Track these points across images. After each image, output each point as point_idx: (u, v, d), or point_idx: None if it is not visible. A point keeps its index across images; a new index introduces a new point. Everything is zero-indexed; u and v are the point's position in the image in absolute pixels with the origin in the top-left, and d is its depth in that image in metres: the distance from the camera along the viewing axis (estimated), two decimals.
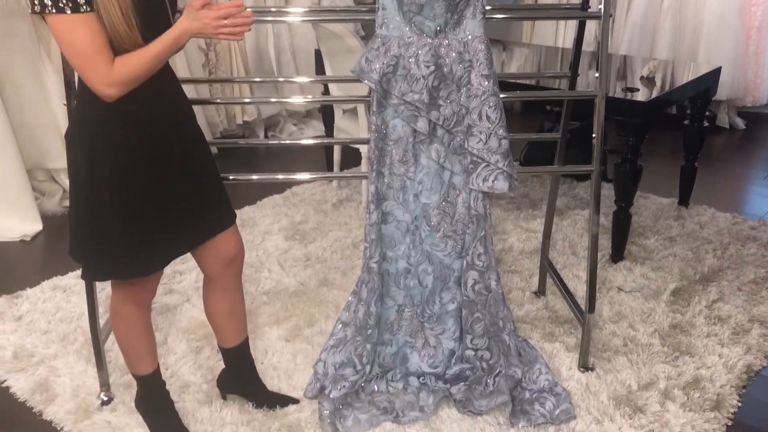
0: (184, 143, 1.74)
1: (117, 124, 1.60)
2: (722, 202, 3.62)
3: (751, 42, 4.72)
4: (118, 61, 1.52)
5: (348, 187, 3.82)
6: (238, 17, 1.55)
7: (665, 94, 3.01)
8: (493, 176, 1.92)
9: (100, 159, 1.62)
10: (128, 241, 1.67)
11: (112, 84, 1.52)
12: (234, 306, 1.98)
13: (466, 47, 1.87)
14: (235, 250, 1.90)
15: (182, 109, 1.76)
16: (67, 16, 1.44)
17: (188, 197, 1.75)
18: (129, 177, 1.64)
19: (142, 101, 1.61)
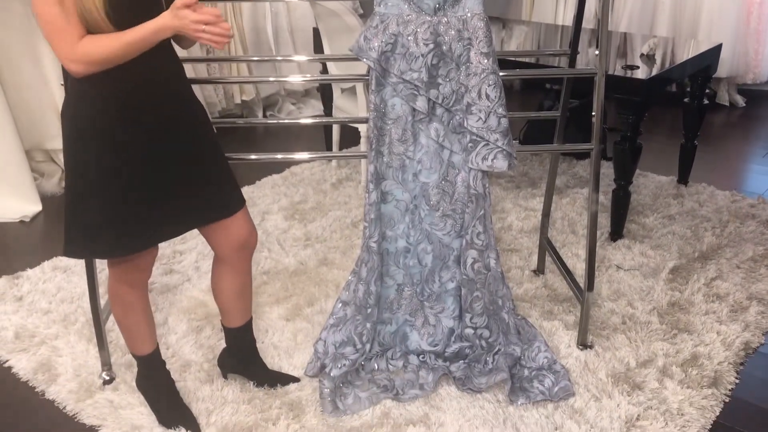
0: (181, 124, 1.73)
1: (105, 100, 1.60)
2: (721, 180, 3.62)
3: (752, 19, 4.69)
4: (86, 39, 1.52)
5: (347, 167, 3.82)
6: (216, 27, 1.54)
7: (665, 71, 2.99)
8: (492, 155, 1.92)
9: (87, 133, 1.62)
10: (107, 218, 1.67)
11: (75, 60, 1.53)
12: (242, 288, 1.99)
13: (465, 25, 1.86)
14: (246, 235, 1.90)
15: (180, 90, 1.75)
16: None
17: (183, 178, 1.74)
18: (114, 153, 1.64)
19: (135, 79, 1.60)
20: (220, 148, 1.85)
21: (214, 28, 1.54)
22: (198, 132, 1.79)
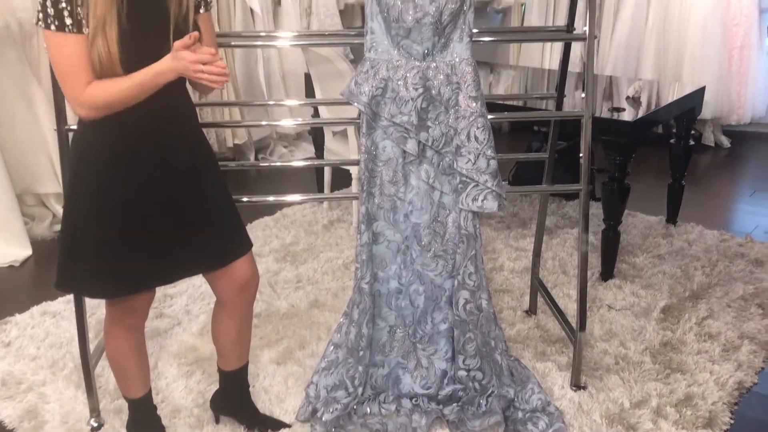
0: (188, 167, 1.74)
1: (103, 142, 1.62)
2: (710, 220, 3.65)
3: (733, 62, 4.80)
4: (94, 85, 1.56)
5: (339, 208, 3.83)
6: (214, 66, 1.56)
7: (651, 113, 3.05)
8: (482, 196, 1.94)
9: (84, 173, 1.64)
10: (104, 258, 1.67)
11: (83, 105, 1.57)
12: (241, 331, 1.98)
13: (453, 70, 1.90)
14: (249, 277, 1.89)
15: (186, 134, 1.76)
16: (53, 33, 1.52)
17: (186, 222, 1.74)
18: (108, 196, 1.64)
19: (141, 122, 1.62)
20: (228, 190, 1.86)
21: (211, 68, 1.56)
22: (205, 175, 1.79)
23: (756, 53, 4.82)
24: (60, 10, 1.51)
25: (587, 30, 2.05)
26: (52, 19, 1.51)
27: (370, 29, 1.90)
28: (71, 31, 1.52)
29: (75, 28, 1.52)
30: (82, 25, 1.52)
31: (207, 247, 1.79)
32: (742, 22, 4.72)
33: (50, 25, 1.52)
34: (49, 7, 1.51)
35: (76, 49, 1.53)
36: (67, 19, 1.51)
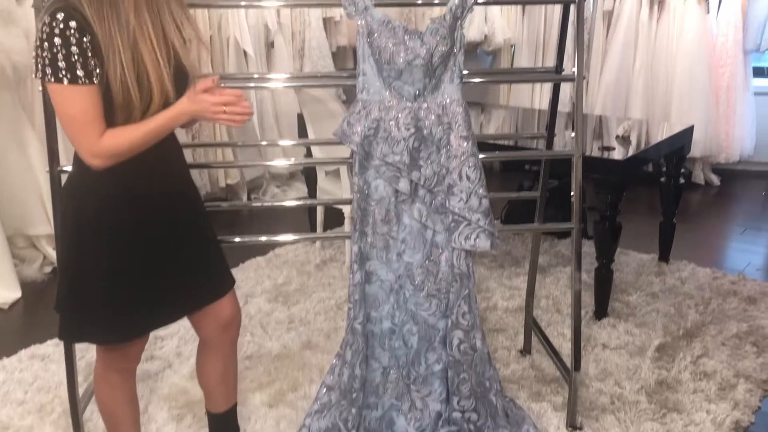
0: (179, 209, 1.74)
1: (107, 187, 1.61)
2: (702, 258, 3.66)
3: (720, 102, 4.87)
4: (108, 134, 1.54)
5: (331, 248, 3.82)
6: (237, 106, 1.58)
7: (641, 152, 3.08)
8: (474, 234, 1.94)
9: (88, 217, 1.62)
10: (107, 305, 1.65)
11: (97, 155, 1.55)
12: (226, 371, 1.95)
13: (444, 110, 1.92)
14: (232, 316, 1.88)
15: (178, 176, 1.77)
16: (64, 86, 1.48)
17: (180, 264, 1.73)
18: (115, 239, 1.63)
19: (137, 165, 1.62)
20: (213, 228, 1.86)
21: (234, 108, 1.57)
22: (195, 214, 1.80)
23: (742, 93, 4.90)
24: (73, 63, 1.46)
25: (576, 71, 2.08)
26: (64, 72, 1.47)
27: (362, 71, 1.92)
28: (84, 82, 1.48)
29: (87, 79, 1.49)
30: (93, 75, 1.49)
31: (199, 286, 1.79)
32: (728, 64, 4.82)
33: (62, 78, 1.47)
34: (60, 60, 1.46)
35: (90, 100, 1.50)
36: (79, 71, 1.47)
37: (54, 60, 1.46)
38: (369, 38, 1.88)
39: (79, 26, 1.46)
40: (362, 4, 1.88)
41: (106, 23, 1.48)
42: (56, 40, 1.45)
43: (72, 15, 1.46)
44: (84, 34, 1.47)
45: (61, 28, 1.45)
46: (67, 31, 1.45)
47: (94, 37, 1.48)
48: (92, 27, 1.48)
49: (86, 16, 1.47)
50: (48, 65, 1.47)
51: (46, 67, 1.47)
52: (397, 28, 1.87)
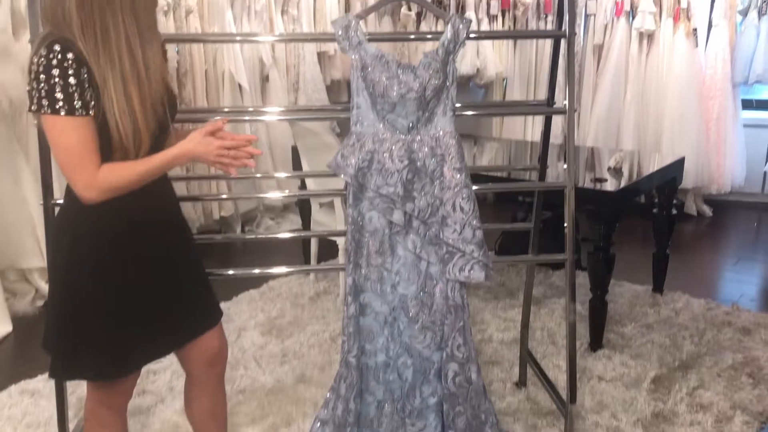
0: (170, 243, 1.74)
1: (101, 221, 1.60)
2: (696, 288, 3.67)
3: (711, 133, 4.93)
4: (105, 168, 1.52)
5: (325, 280, 3.81)
6: (242, 150, 1.59)
7: (633, 183, 3.10)
8: (469, 266, 1.94)
9: (81, 253, 1.61)
10: (99, 341, 1.63)
11: (93, 188, 1.52)
12: (215, 407, 1.93)
13: (437, 142, 1.93)
14: (219, 349, 1.86)
15: (170, 210, 1.77)
16: (61, 117, 1.47)
17: (171, 298, 1.73)
18: (107, 275, 1.62)
19: (129, 201, 1.61)
20: (201, 260, 1.86)
21: (239, 153, 1.58)
22: (185, 247, 1.80)
23: (732, 125, 4.95)
24: (70, 94, 1.45)
25: (567, 104, 2.11)
26: (62, 103, 1.45)
27: (356, 104, 1.94)
28: (81, 114, 1.47)
29: (84, 111, 1.48)
30: (89, 107, 1.48)
31: (186, 319, 1.78)
32: (717, 96, 4.88)
33: (59, 110, 1.45)
34: (58, 92, 1.44)
35: (87, 132, 1.48)
36: (76, 102, 1.46)
37: (51, 91, 1.45)
38: (363, 72, 1.90)
39: (77, 58, 1.46)
40: (356, 39, 1.90)
41: (100, 59, 1.49)
42: (54, 71, 1.45)
43: (69, 47, 1.46)
44: (81, 65, 1.47)
45: (59, 59, 1.45)
46: (65, 62, 1.45)
47: (90, 70, 1.48)
48: (88, 61, 1.48)
49: (81, 49, 1.47)
50: (45, 97, 1.46)
51: (43, 99, 1.46)
52: (390, 62, 1.89)
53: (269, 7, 4.71)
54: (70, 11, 1.47)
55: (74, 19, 1.47)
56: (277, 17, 4.80)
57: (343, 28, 1.91)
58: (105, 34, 1.48)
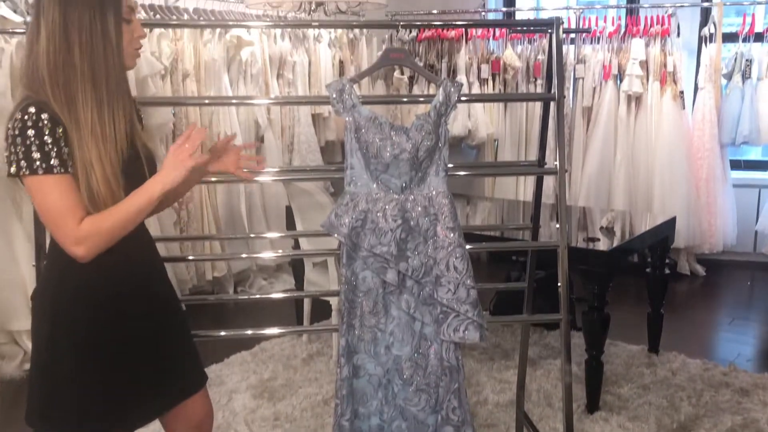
0: (153, 308, 1.72)
1: (83, 285, 1.59)
2: (692, 348, 3.64)
3: (701, 193, 4.98)
4: (87, 219, 1.51)
5: (318, 341, 3.77)
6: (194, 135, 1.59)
7: (625, 243, 3.11)
8: (463, 326, 1.93)
9: (63, 319, 1.59)
10: (81, 405, 1.60)
11: (80, 242, 1.50)
12: None
13: (430, 202, 1.95)
14: (203, 414, 1.83)
15: (152, 274, 1.76)
16: (40, 177, 1.47)
17: (154, 364, 1.70)
18: (89, 343, 1.60)
19: (113, 262, 1.60)
20: (188, 323, 1.84)
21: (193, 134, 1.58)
22: (173, 311, 1.78)
23: (721, 185, 5.01)
24: (47, 153, 1.47)
25: (558, 164, 2.13)
26: (39, 162, 1.46)
27: (349, 164, 1.96)
28: (59, 171, 1.48)
29: (62, 168, 1.48)
30: (67, 164, 1.49)
31: (171, 384, 1.75)
32: (705, 156, 4.95)
33: (37, 169, 1.46)
34: (35, 152, 1.46)
35: (66, 188, 1.49)
36: (54, 160, 1.47)
37: (28, 152, 1.46)
38: (356, 133, 1.93)
39: (51, 118, 1.48)
40: (350, 102, 1.94)
41: (71, 120, 1.50)
42: (29, 132, 1.46)
43: (43, 108, 1.48)
44: (56, 125, 1.49)
45: (34, 120, 1.47)
46: (39, 122, 1.47)
47: (66, 129, 1.50)
48: (62, 120, 1.50)
49: (55, 110, 1.50)
50: (22, 158, 1.47)
51: (21, 161, 1.47)
52: (383, 123, 1.92)
53: (265, 71, 4.80)
54: (42, 73, 1.51)
55: (46, 81, 1.50)
56: (273, 80, 4.89)
57: (337, 92, 1.95)
58: (71, 97, 1.51)
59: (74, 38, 1.50)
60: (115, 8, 1.54)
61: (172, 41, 4.20)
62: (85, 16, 1.50)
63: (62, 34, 1.50)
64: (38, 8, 1.52)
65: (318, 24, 3.78)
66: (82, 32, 1.50)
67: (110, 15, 1.53)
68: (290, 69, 4.98)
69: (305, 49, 5.14)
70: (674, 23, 4.88)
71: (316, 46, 5.20)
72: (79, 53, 1.50)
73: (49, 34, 1.50)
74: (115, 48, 1.54)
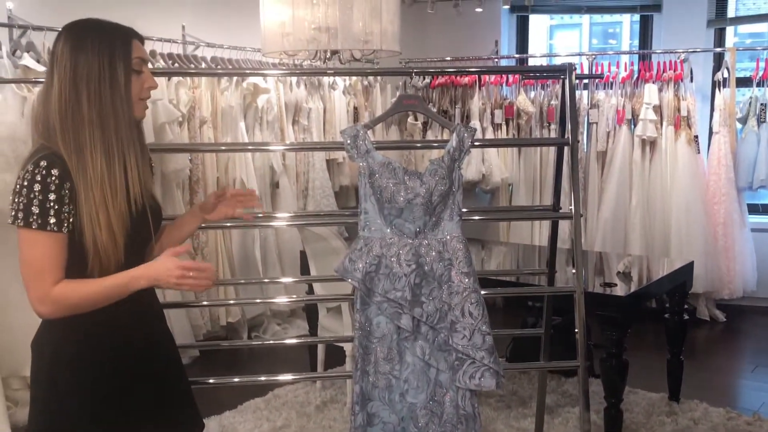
0: (158, 347, 1.71)
1: (85, 341, 1.58)
2: (713, 397, 3.55)
3: (719, 237, 4.93)
4: (62, 285, 1.51)
5: (332, 388, 3.72)
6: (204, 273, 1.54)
7: (643, 288, 3.08)
8: (479, 373, 1.90)
9: (62, 376, 1.57)
10: None
11: (45, 303, 1.52)
12: None
13: (445, 246, 1.94)
14: None
15: (156, 318, 1.75)
16: (31, 231, 1.49)
17: (156, 409, 1.68)
18: (91, 400, 1.58)
19: (110, 325, 1.59)
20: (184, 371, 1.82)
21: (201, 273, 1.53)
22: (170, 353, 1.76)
23: (740, 229, 4.96)
24: (46, 209, 1.48)
25: (573, 209, 2.13)
26: (36, 217, 1.47)
27: (363, 209, 1.96)
28: (52, 230, 1.48)
29: (56, 227, 1.49)
30: (63, 224, 1.50)
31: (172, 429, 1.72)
32: (722, 200, 4.92)
33: (32, 223, 1.48)
34: (35, 206, 1.47)
35: (53, 248, 1.50)
36: (51, 218, 1.48)
37: (29, 205, 1.48)
38: (370, 179, 1.94)
39: (61, 174, 1.49)
40: (364, 148, 1.96)
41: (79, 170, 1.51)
42: (36, 186, 1.48)
43: (55, 163, 1.50)
44: (64, 182, 1.50)
45: (43, 174, 1.48)
46: (48, 178, 1.48)
47: (73, 186, 1.51)
48: (72, 175, 1.51)
49: (67, 163, 1.51)
50: (21, 210, 1.48)
51: (19, 212, 1.49)
52: (397, 169, 1.93)
53: (281, 118, 4.87)
54: (54, 121, 1.53)
55: (57, 128, 1.53)
56: (289, 127, 4.95)
57: (351, 137, 1.97)
58: (80, 146, 1.52)
59: (83, 86, 1.53)
60: (124, 59, 1.57)
61: (190, 89, 4.27)
62: (94, 65, 1.53)
63: (72, 82, 1.53)
64: (53, 56, 1.56)
65: (333, 72, 3.84)
66: (91, 81, 1.53)
67: (119, 65, 1.56)
68: (305, 115, 5.05)
69: (320, 96, 5.21)
70: (687, 68, 4.91)
71: (331, 93, 5.27)
72: (87, 102, 1.53)
73: (60, 82, 1.53)
74: (123, 98, 1.56)
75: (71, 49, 1.53)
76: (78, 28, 1.57)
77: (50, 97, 1.54)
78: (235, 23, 4.80)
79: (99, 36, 1.56)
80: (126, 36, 1.59)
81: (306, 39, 2.98)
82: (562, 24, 8.66)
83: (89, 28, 1.57)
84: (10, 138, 3.23)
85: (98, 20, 1.60)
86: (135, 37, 1.61)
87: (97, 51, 1.54)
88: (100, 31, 1.57)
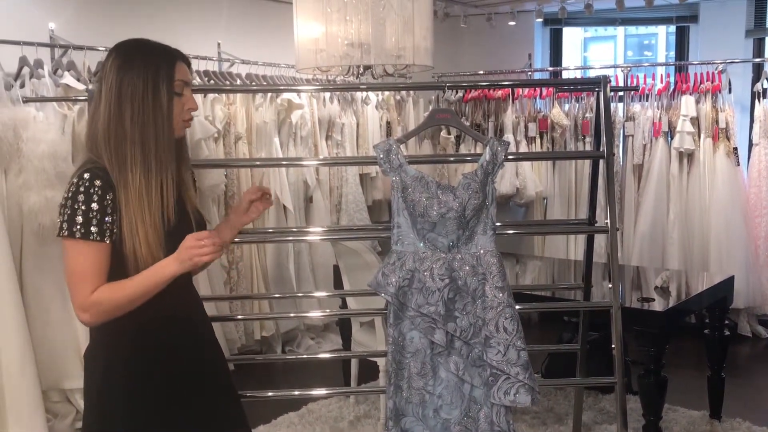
0: (205, 369, 1.73)
1: (134, 348, 1.61)
2: (757, 415, 3.45)
3: (760, 251, 4.81)
4: (99, 290, 1.55)
5: (366, 403, 3.71)
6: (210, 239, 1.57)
7: (681, 303, 3.01)
8: (514, 389, 1.88)
9: (115, 383, 1.61)
10: None
11: (86, 309, 1.55)
12: None
13: (478, 261, 1.93)
14: None
15: (203, 334, 1.77)
16: (75, 240, 1.53)
17: (207, 426, 1.70)
18: (143, 406, 1.61)
19: (159, 326, 1.63)
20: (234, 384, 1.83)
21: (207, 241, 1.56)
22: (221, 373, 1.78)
23: None
24: (89, 219, 1.53)
25: (609, 222, 2.10)
26: (79, 227, 1.52)
27: (396, 223, 1.97)
28: (95, 239, 1.53)
29: (99, 236, 1.54)
30: (105, 233, 1.54)
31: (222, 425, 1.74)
32: (763, 213, 4.80)
33: (75, 233, 1.52)
34: (79, 216, 1.52)
35: (95, 257, 1.54)
36: (93, 228, 1.53)
37: (73, 215, 1.53)
38: (403, 193, 1.94)
39: (104, 185, 1.55)
40: (397, 162, 1.96)
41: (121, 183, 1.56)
42: (80, 197, 1.54)
43: (98, 175, 1.55)
44: (107, 192, 1.55)
45: (86, 186, 1.54)
46: (91, 189, 1.54)
47: (116, 195, 1.55)
48: (115, 186, 1.56)
49: (109, 174, 1.56)
50: (66, 221, 1.54)
51: (64, 222, 1.54)
52: (430, 183, 1.93)
53: (314, 133, 4.91)
54: (99, 137, 1.59)
55: (101, 144, 1.58)
56: (322, 142, 4.99)
57: (384, 152, 1.98)
58: (122, 161, 1.57)
59: (127, 105, 1.57)
60: (167, 81, 1.61)
61: (225, 105, 4.34)
62: (138, 85, 1.58)
63: (117, 99, 1.58)
64: (102, 74, 1.62)
65: (366, 87, 3.86)
66: (135, 100, 1.57)
67: (162, 87, 1.60)
68: (339, 130, 5.08)
69: (353, 111, 5.24)
70: (725, 79, 4.83)
71: (364, 108, 5.30)
72: (130, 120, 1.57)
73: (107, 99, 1.58)
74: (165, 118, 1.60)
75: (118, 68, 1.58)
76: (126, 48, 1.63)
77: (97, 113, 1.60)
78: (269, 40, 4.87)
79: (145, 56, 1.60)
80: (171, 58, 1.64)
81: (339, 55, 3.01)
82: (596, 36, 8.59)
83: (137, 48, 1.63)
84: (52, 155, 3.31)
85: (147, 41, 1.66)
86: (180, 59, 1.66)
87: (143, 71, 1.58)
88: (147, 52, 1.62)
